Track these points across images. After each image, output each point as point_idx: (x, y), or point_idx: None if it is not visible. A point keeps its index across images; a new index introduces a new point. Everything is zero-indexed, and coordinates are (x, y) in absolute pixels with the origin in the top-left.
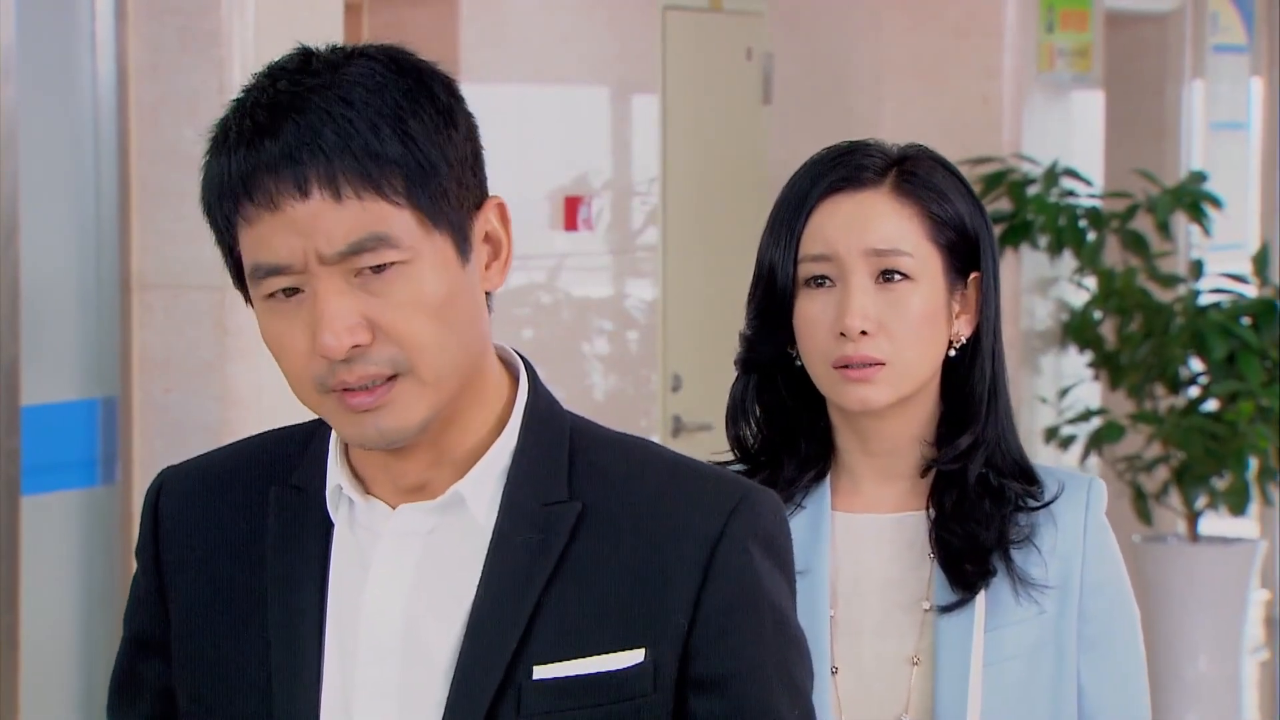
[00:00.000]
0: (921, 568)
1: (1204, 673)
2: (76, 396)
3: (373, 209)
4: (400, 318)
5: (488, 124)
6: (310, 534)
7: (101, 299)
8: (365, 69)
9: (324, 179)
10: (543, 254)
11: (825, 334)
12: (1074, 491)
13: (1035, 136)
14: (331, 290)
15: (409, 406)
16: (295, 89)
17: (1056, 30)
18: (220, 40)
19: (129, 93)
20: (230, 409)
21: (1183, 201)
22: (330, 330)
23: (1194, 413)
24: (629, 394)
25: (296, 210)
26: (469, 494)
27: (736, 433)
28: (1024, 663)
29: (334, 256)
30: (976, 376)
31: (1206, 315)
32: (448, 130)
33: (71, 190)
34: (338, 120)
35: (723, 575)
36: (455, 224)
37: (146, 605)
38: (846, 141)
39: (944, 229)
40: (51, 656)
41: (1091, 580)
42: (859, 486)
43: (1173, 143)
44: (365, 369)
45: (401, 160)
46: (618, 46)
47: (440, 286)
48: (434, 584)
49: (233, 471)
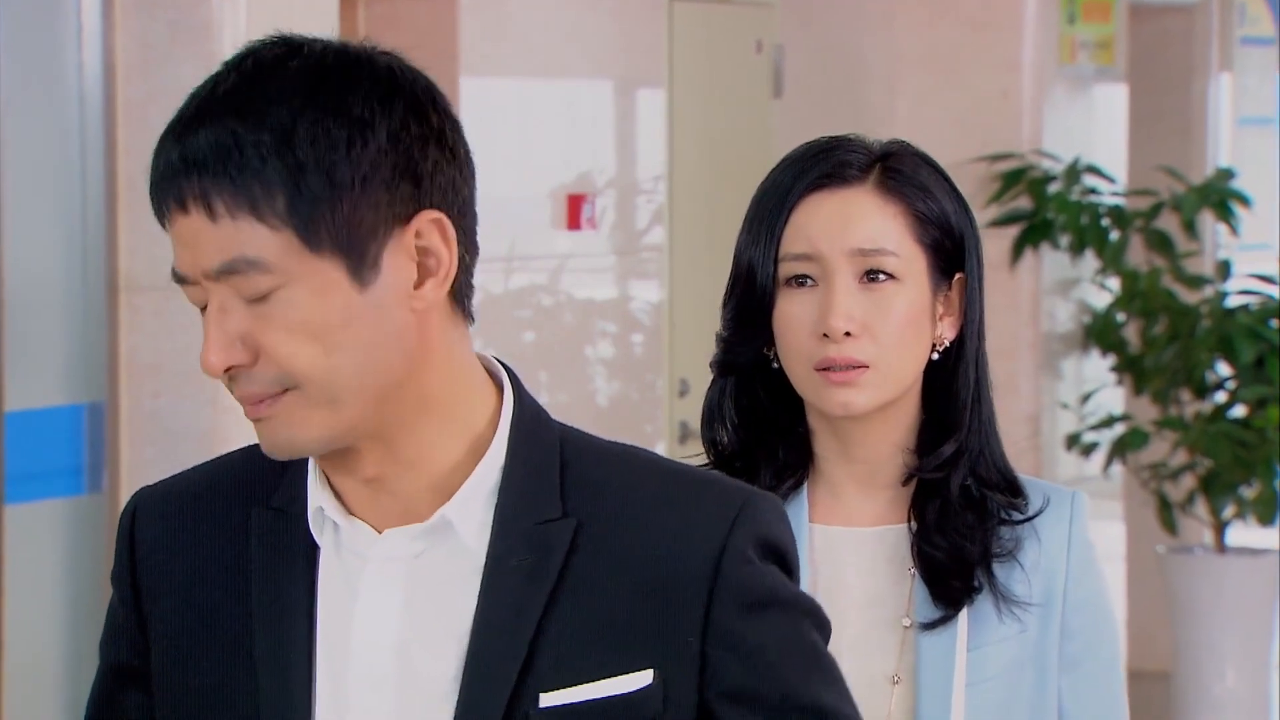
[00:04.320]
0: (902, 583)
1: (1232, 688)
2: (62, 402)
3: (246, 230)
4: (278, 340)
5: (488, 119)
6: (295, 559)
7: (88, 301)
8: (292, 74)
9: (198, 196)
10: (544, 254)
11: (807, 335)
12: (1057, 505)
13: (1056, 132)
14: (215, 307)
15: (302, 421)
16: (214, 93)
17: (1078, 22)
18: (211, 34)
19: (116, 88)
20: (221, 415)
21: (1209, 199)
22: (207, 350)
23: (1221, 418)
24: (634, 400)
25: (180, 225)
26: (456, 517)
27: (712, 436)
28: (1005, 682)
29: (212, 274)
30: (960, 382)
31: (1234, 317)
32: (355, 146)
33: (57, 189)
34: (223, 135)
35: (729, 588)
36: (348, 245)
37: (125, 634)
38: (825, 137)
39: (929, 228)
40: (36, 669)
41: (1075, 598)
42: (838, 497)
43: (1199, 138)
44: (249, 387)
45: (282, 180)
46: (622, 39)
47: (321, 311)
48: (425, 610)
49: (210, 492)
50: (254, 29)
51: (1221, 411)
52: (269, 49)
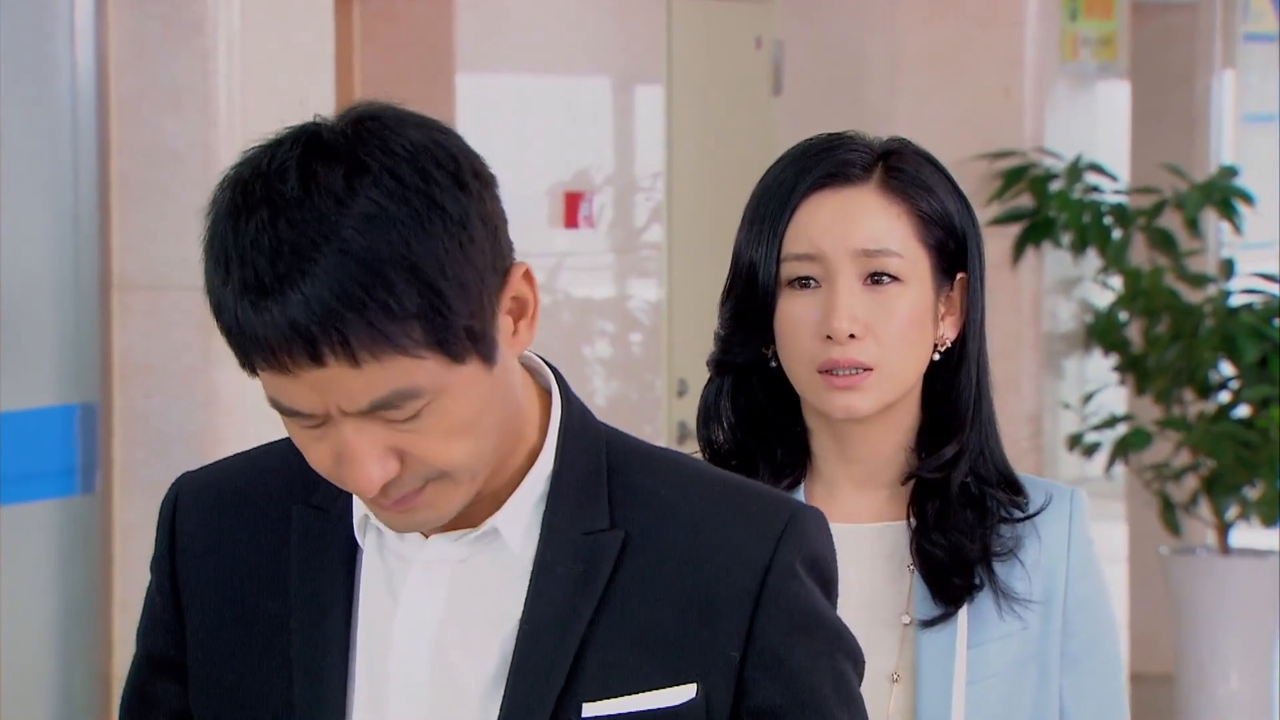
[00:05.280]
0: (901, 580)
1: (1235, 691)
2: (54, 402)
3: (392, 366)
4: (431, 448)
5: (484, 116)
6: (335, 559)
7: (80, 300)
8: (369, 198)
9: (338, 348)
10: (542, 253)
11: (810, 337)
12: (1057, 503)
13: (1058, 130)
14: (352, 428)
15: (446, 502)
16: (297, 236)
17: (1080, 18)
18: (205, 30)
19: (109, 84)
20: (216, 416)
21: (1212, 197)
22: (362, 474)
23: (1224, 419)
24: (632, 400)
25: (312, 375)
26: (504, 526)
27: (708, 435)
28: (1007, 680)
29: (358, 412)
30: (962, 382)
31: (1238, 317)
32: (465, 244)
33: (48, 187)
34: (345, 283)
35: (774, 603)
36: (481, 339)
37: (162, 624)
38: (825, 135)
39: (932, 228)
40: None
41: (1076, 596)
42: (835, 495)
43: (1202, 136)
44: (399, 490)
45: (418, 312)
46: (621, 35)
47: (470, 408)
48: (466, 614)
49: (251, 486)
50: (248, 25)
51: (1225, 412)
52: (317, 166)
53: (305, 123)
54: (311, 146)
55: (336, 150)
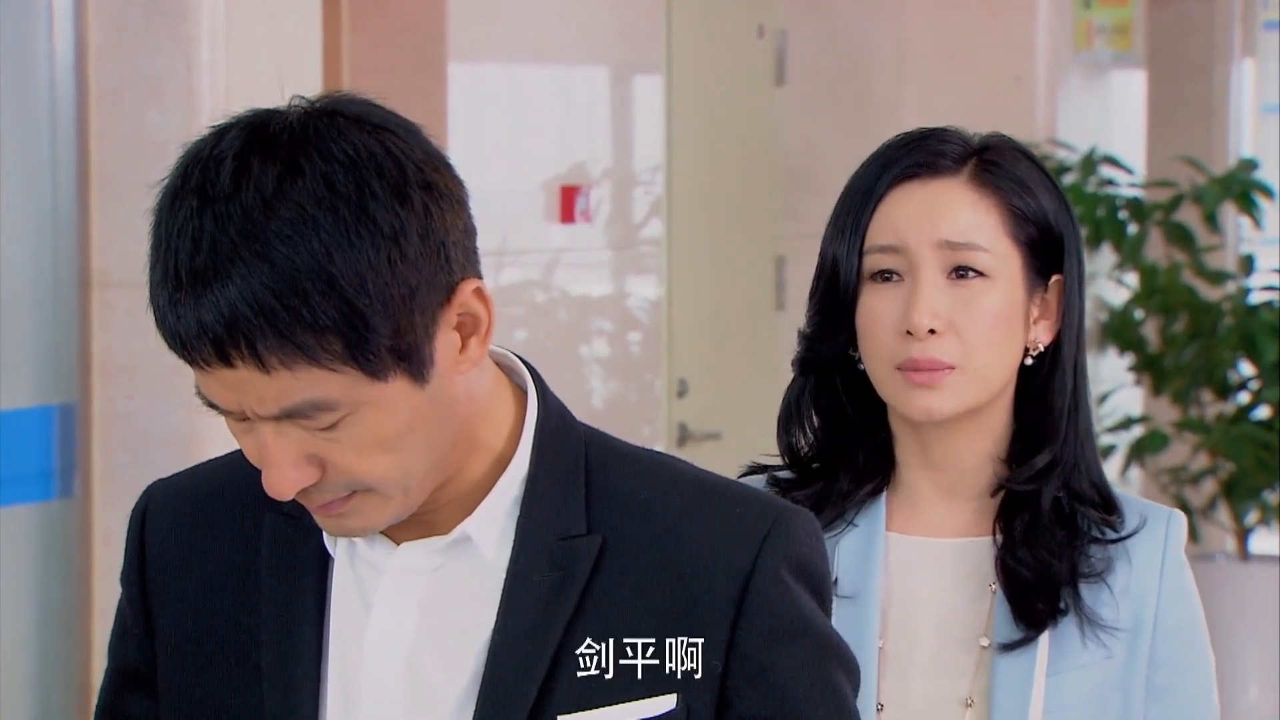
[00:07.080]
0: (981, 600)
1: (1255, 703)
2: (31, 404)
3: (305, 376)
4: (350, 460)
5: (477, 107)
6: (306, 569)
7: (59, 298)
8: (297, 203)
9: (246, 354)
10: (537, 249)
11: (890, 333)
12: (1153, 524)
13: (1072, 121)
14: (271, 433)
15: (376, 513)
16: (218, 232)
17: (1095, 5)
18: (187, 17)
19: (89, 73)
20: (198, 417)
21: (1231, 191)
22: (275, 478)
23: (1244, 420)
24: (631, 400)
25: (225, 375)
26: (476, 533)
27: (789, 439)
28: (1086, 711)
29: (269, 417)
30: (1056, 389)
31: (1258, 315)
32: (394, 260)
33: (26, 180)
34: (257, 290)
35: (757, 611)
36: (408, 356)
37: (132, 637)
38: (921, 128)
39: (1025, 225)
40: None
41: (1166, 624)
42: (918, 506)
43: (1220, 127)
44: (321, 497)
45: (335, 325)
46: (619, 23)
47: (393, 424)
48: (440, 623)
49: (222, 493)
50: (233, 12)
51: (1244, 413)
52: (253, 161)
53: (260, 109)
54: (254, 139)
55: (277, 147)
